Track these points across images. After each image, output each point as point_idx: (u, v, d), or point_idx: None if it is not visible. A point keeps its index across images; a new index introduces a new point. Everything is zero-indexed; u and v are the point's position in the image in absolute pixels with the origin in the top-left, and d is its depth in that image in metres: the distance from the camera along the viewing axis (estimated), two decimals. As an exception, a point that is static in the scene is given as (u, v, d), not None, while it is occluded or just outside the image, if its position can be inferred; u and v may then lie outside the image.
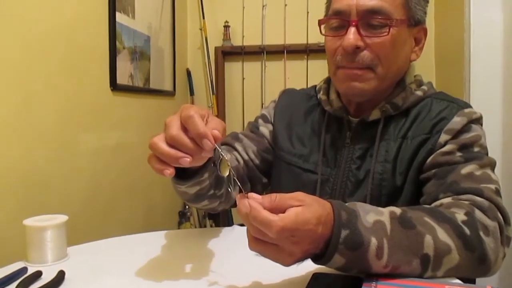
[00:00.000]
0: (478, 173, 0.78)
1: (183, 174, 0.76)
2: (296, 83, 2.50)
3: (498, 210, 0.73)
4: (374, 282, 0.61)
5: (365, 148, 0.89)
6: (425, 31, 0.93)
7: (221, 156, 0.64)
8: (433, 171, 0.82)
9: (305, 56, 2.39)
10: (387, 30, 0.83)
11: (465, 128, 0.83)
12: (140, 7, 1.91)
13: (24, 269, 0.72)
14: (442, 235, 0.65)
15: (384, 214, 0.65)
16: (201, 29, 2.51)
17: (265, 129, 1.04)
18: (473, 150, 0.82)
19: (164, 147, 0.62)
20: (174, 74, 2.33)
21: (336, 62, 0.87)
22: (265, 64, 2.48)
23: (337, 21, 0.87)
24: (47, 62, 1.31)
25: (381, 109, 0.89)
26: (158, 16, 2.14)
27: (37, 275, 0.70)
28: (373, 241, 0.60)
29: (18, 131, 1.19)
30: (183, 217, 2.37)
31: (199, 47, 2.58)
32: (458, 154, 0.81)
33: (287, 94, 1.08)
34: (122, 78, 1.74)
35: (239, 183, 0.64)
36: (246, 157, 1.00)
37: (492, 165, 0.81)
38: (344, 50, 0.84)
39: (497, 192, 0.76)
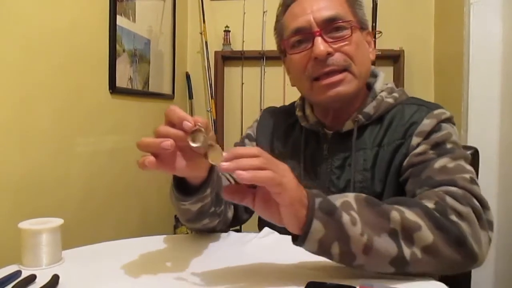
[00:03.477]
0: (451, 165, 0.80)
1: (187, 191, 0.79)
2: (295, 90, 2.50)
3: (474, 197, 0.73)
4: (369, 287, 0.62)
5: (343, 159, 0.93)
6: (371, 35, 0.98)
7: (210, 145, 0.63)
8: (409, 170, 0.84)
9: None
10: (349, 32, 0.88)
11: (435, 128, 0.86)
12: (141, 11, 1.91)
13: (18, 273, 0.72)
14: (411, 215, 0.67)
15: (349, 196, 0.69)
16: (201, 33, 2.52)
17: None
18: (445, 147, 0.84)
19: (146, 138, 0.64)
20: (174, 77, 2.33)
21: (309, 75, 0.90)
22: (264, 70, 2.48)
23: (300, 36, 0.90)
24: (46, 64, 1.31)
25: (353, 120, 0.92)
26: (158, 20, 2.15)
27: (31, 278, 0.69)
28: (343, 212, 0.65)
29: (15, 133, 1.19)
30: (179, 221, 2.36)
31: (199, 51, 2.59)
32: (431, 152, 0.83)
33: (268, 113, 1.12)
34: (121, 81, 1.74)
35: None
36: (235, 175, 1.01)
37: (465, 157, 0.82)
38: (316, 59, 0.87)
39: (472, 180, 0.77)
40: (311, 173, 0.97)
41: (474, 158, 1.12)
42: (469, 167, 0.81)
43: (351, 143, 0.92)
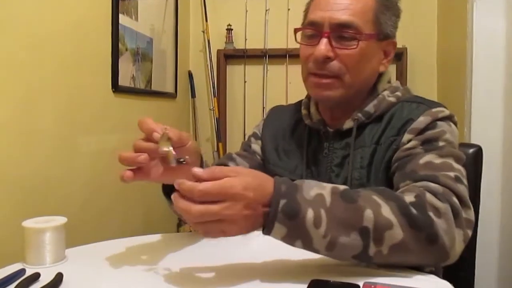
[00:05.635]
0: (437, 161, 0.80)
1: None
2: (297, 88, 2.50)
3: (454, 195, 0.74)
4: (372, 286, 0.62)
5: (342, 156, 0.94)
6: (394, 45, 0.98)
7: (164, 132, 0.71)
8: (396, 164, 0.85)
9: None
10: (356, 43, 0.88)
11: (429, 126, 0.86)
12: (143, 9, 1.91)
13: (22, 271, 0.72)
14: (386, 211, 0.67)
15: (326, 188, 0.69)
16: (203, 32, 2.51)
17: (257, 146, 1.10)
18: (436, 144, 0.84)
19: (123, 153, 0.73)
20: (176, 76, 2.33)
21: (308, 69, 0.93)
22: (267, 68, 2.48)
23: (311, 30, 0.92)
24: (49, 63, 1.31)
25: (353, 118, 0.94)
26: (161, 18, 2.15)
27: (35, 277, 0.70)
28: (310, 211, 0.64)
29: (18, 132, 1.19)
30: (182, 219, 2.37)
31: (201, 49, 2.58)
32: (420, 147, 0.84)
33: (275, 111, 1.14)
34: (124, 80, 1.74)
35: (181, 159, 0.71)
36: None
37: (454, 155, 0.82)
38: (315, 59, 0.90)
39: (457, 179, 0.77)
40: (313, 170, 0.98)
41: (477, 156, 1.12)
42: (457, 166, 0.80)
43: (350, 141, 0.93)
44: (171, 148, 0.70)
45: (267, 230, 0.65)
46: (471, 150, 1.11)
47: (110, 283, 0.71)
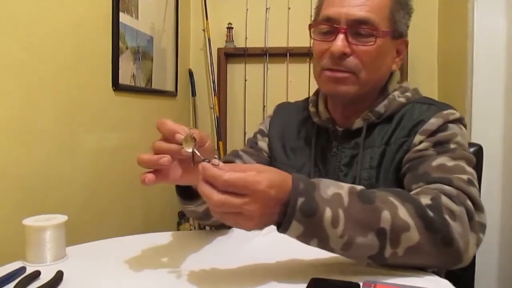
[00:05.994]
0: (450, 164, 0.79)
1: (191, 196, 0.82)
2: (298, 86, 2.52)
3: (468, 198, 0.73)
4: (372, 284, 0.62)
5: (351, 156, 0.93)
6: (406, 44, 0.98)
7: (188, 132, 0.68)
8: (407, 165, 0.85)
9: (308, 60, 2.38)
10: (374, 40, 0.88)
11: (441, 128, 0.86)
12: (143, 8, 1.91)
13: (23, 269, 0.72)
14: (403, 213, 0.67)
15: (344, 188, 0.68)
16: (204, 30, 2.51)
17: (263, 143, 1.09)
18: (448, 146, 0.83)
19: (144, 155, 0.69)
20: (176, 74, 2.33)
21: (322, 65, 0.92)
22: (267, 67, 2.48)
23: (326, 26, 0.91)
24: (49, 62, 1.31)
25: (363, 118, 0.93)
26: (161, 17, 2.14)
27: (36, 275, 0.70)
28: (328, 210, 0.64)
29: (18, 130, 1.19)
30: (182, 218, 2.37)
31: (201, 48, 2.58)
32: (432, 149, 0.83)
33: (281, 108, 1.13)
34: (124, 78, 1.74)
35: (202, 158, 0.68)
36: None
37: (466, 158, 0.82)
38: (332, 55, 0.88)
39: (470, 182, 0.77)
40: (320, 169, 0.97)
41: (477, 155, 1.12)
42: (469, 169, 0.80)
43: (360, 141, 0.92)
44: (196, 149, 0.68)
45: (283, 228, 0.64)
46: (471, 149, 1.11)
47: (110, 281, 0.71)
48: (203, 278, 0.71)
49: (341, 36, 0.87)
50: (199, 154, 0.67)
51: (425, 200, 0.70)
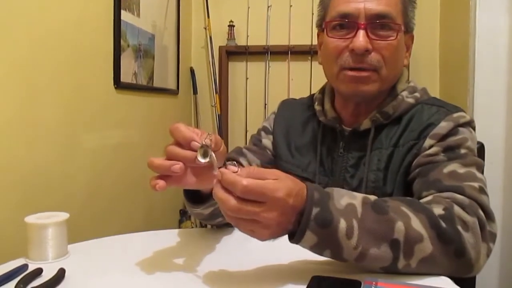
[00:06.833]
0: (461, 171, 0.78)
1: (198, 199, 0.81)
2: (299, 85, 2.52)
3: (480, 207, 0.73)
4: (374, 282, 0.62)
5: (358, 157, 0.91)
6: (413, 38, 0.97)
7: (205, 142, 0.65)
8: (417, 170, 0.83)
9: (309, 58, 2.38)
10: (395, 34, 0.86)
11: (451, 132, 0.84)
12: (145, 6, 1.91)
13: (25, 266, 0.72)
14: (416, 223, 0.66)
15: (357, 198, 0.67)
16: (205, 28, 2.51)
17: (267, 141, 1.07)
18: (459, 152, 0.82)
19: (156, 160, 0.66)
20: (178, 72, 2.33)
21: (341, 63, 0.88)
22: (269, 65, 2.47)
23: (344, 23, 0.88)
24: (51, 60, 1.31)
25: (371, 119, 0.91)
26: (163, 15, 2.14)
27: (38, 272, 0.70)
28: (342, 221, 0.63)
29: (20, 128, 1.19)
30: (184, 216, 2.37)
31: (203, 46, 2.58)
32: (442, 154, 0.82)
33: (286, 105, 1.10)
34: (126, 76, 1.74)
35: (219, 166, 0.66)
36: None
37: (477, 164, 0.81)
38: (354, 52, 0.86)
39: (481, 190, 0.76)
40: (326, 169, 0.95)
41: (479, 153, 1.11)
42: (480, 175, 0.79)
43: (367, 142, 0.90)
44: (214, 157, 0.65)
45: (297, 238, 0.63)
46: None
47: (112, 279, 0.72)
48: (205, 276, 0.71)
49: (361, 32, 0.84)
50: (216, 163, 0.65)
51: (438, 210, 0.69)
